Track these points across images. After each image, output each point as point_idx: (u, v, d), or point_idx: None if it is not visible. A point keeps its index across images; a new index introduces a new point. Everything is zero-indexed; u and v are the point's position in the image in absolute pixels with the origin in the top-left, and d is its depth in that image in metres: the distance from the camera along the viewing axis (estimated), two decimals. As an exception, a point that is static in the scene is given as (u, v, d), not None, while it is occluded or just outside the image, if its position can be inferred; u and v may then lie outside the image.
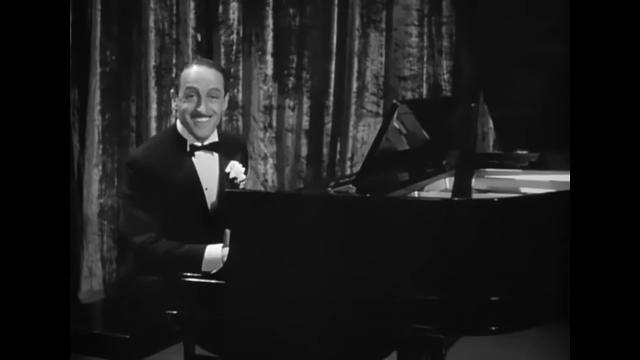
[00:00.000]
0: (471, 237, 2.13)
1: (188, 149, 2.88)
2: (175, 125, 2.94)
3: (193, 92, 2.83)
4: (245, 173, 3.02)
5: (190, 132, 2.88)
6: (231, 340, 2.34)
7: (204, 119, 2.84)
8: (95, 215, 4.72)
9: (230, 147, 3.03)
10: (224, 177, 2.94)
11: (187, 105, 2.84)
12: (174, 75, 2.97)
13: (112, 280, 4.76)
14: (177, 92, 2.89)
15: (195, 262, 2.63)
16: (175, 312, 2.38)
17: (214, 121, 2.89)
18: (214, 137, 2.94)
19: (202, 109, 2.83)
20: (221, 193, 2.89)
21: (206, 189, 2.88)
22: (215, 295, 2.32)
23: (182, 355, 2.56)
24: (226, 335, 2.34)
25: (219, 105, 2.89)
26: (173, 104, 2.93)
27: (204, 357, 2.52)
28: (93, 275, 4.74)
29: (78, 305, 4.40)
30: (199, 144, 2.90)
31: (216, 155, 2.94)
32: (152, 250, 2.71)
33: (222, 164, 2.95)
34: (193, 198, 2.85)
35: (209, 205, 2.88)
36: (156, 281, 2.69)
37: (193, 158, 2.88)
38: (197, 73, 2.85)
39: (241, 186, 3.00)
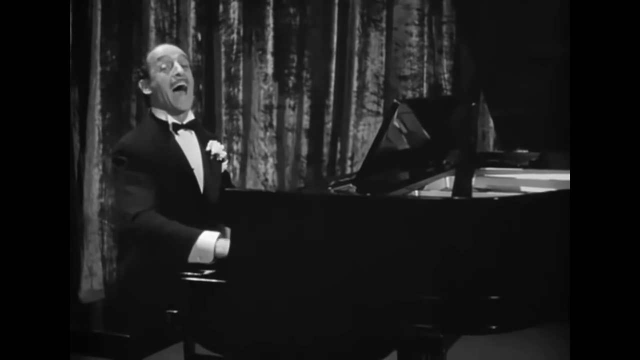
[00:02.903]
0: (471, 236, 2.13)
1: (170, 128, 2.93)
2: (150, 112, 3.00)
3: (165, 62, 2.93)
4: (224, 150, 3.09)
5: (169, 108, 2.93)
6: (231, 340, 2.34)
7: (182, 84, 2.92)
8: (96, 215, 4.73)
9: (205, 133, 3.11)
10: (206, 156, 3.00)
11: (164, 75, 2.92)
12: (139, 71, 3.02)
13: (112, 279, 4.76)
14: (146, 76, 2.96)
15: (185, 244, 2.59)
16: (175, 311, 2.38)
17: (190, 95, 2.97)
18: (191, 116, 3.02)
19: (179, 70, 2.91)
20: (207, 172, 2.95)
21: (193, 168, 2.93)
22: (216, 295, 2.32)
23: (182, 355, 2.57)
24: (226, 334, 2.34)
25: (191, 76, 2.98)
26: (146, 91, 2.98)
27: (204, 356, 2.52)
28: (93, 274, 4.75)
29: (78, 304, 4.41)
30: (179, 122, 2.96)
31: (194, 134, 3.01)
32: (149, 220, 2.70)
33: (202, 144, 3.01)
34: (184, 178, 2.90)
35: (200, 186, 2.92)
36: (157, 277, 2.69)
37: (177, 137, 2.94)
38: (164, 48, 3.01)
39: (224, 165, 3.07)
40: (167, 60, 2.93)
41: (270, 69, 4.82)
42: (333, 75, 4.76)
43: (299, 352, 2.28)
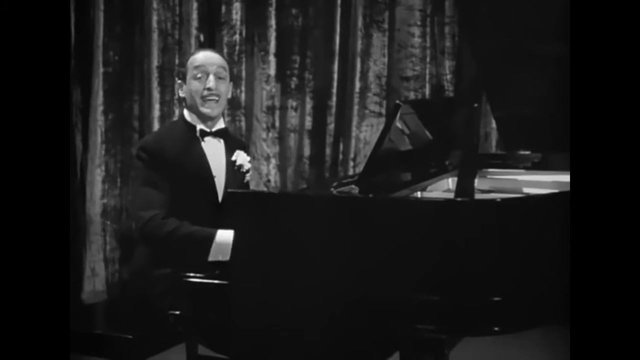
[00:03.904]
0: (474, 238, 2.13)
1: (198, 133, 2.93)
2: (183, 114, 3.00)
3: (201, 72, 2.92)
4: (250, 162, 3.08)
5: (199, 115, 2.94)
6: (234, 340, 2.34)
7: (213, 98, 2.91)
8: (98, 216, 4.73)
9: (234, 141, 3.11)
10: (230, 165, 2.99)
11: (197, 85, 2.92)
12: (178, 62, 3.05)
13: (114, 280, 4.76)
14: (184, 79, 2.96)
15: (203, 244, 2.62)
16: (177, 312, 2.38)
17: (222, 103, 2.97)
18: (221, 124, 3.02)
19: (211, 85, 2.90)
20: (228, 182, 2.94)
21: (215, 176, 2.92)
22: (218, 296, 2.33)
23: (185, 356, 2.57)
24: (229, 335, 2.34)
25: (225, 87, 2.97)
26: (180, 93, 2.99)
27: (206, 357, 2.52)
28: (96, 275, 4.75)
29: (81, 305, 4.41)
30: (207, 129, 2.96)
31: (222, 142, 3.00)
32: (161, 225, 2.70)
33: (228, 153, 3.00)
34: (203, 184, 2.89)
35: (219, 194, 2.90)
36: (166, 275, 2.69)
37: (202, 144, 2.93)
38: (205, 55, 2.96)
39: (247, 177, 3.06)
40: (204, 70, 2.91)
41: (272, 70, 4.82)
42: (335, 76, 4.76)
43: (301, 353, 2.28)
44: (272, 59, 4.81)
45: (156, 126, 4.66)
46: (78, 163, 4.78)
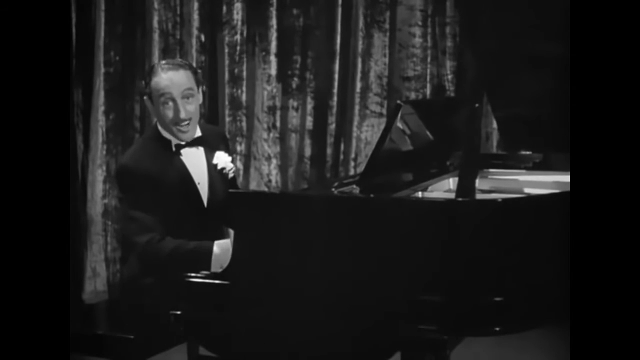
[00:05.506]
0: (475, 238, 2.13)
1: (174, 149, 2.90)
2: (156, 126, 2.96)
3: (168, 99, 2.84)
4: (232, 162, 3.05)
5: (173, 134, 2.90)
6: (234, 341, 2.34)
7: (185, 123, 2.86)
8: (99, 216, 4.73)
9: (213, 138, 3.06)
10: (212, 170, 2.97)
11: (166, 112, 2.85)
12: (143, 83, 2.96)
13: (116, 280, 4.76)
14: (150, 99, 2.90)
15: (204, 258, 2.63)
16: (179, 312, 2.38)
17: (195, 122, 2.92)
18: (197, 132, 2.97)
19: (181, 114, 2.84)
20: (212, 186, 2.94)
21: (198, 183, 2.92)
22: (219, 296, 2.33)
23: (186, 356, 2.57)
24: (229, 335, 2.34)
25: (195, 105, 2.90)
26: (152, 113, 2.96)
27: (207, 357, 2.52)
28: (97, 275, 4.75)
29: (82, 305, 4.41)
30: (183, 142, 2.92)
31: (201, 148, 2.97)
32: (159, 249, 2.71)
33: (209, 157, 2.98)
34: (188, 195, 2.89)
35: (204, 200, 2.90)
36: (160, 282, 2.69)
37: (181, 156, 2.91)
38: (167, 79, 2.85)
39: (230, 175, 3.04)
40: (169, 97, 2.84)
41: (273, 70, 4.81)
42: (336, 76, 4.75)
43: (302, 353, 2.28)
44: (273, 59, 4.81)
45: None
46: (79, 163, 4.79)
